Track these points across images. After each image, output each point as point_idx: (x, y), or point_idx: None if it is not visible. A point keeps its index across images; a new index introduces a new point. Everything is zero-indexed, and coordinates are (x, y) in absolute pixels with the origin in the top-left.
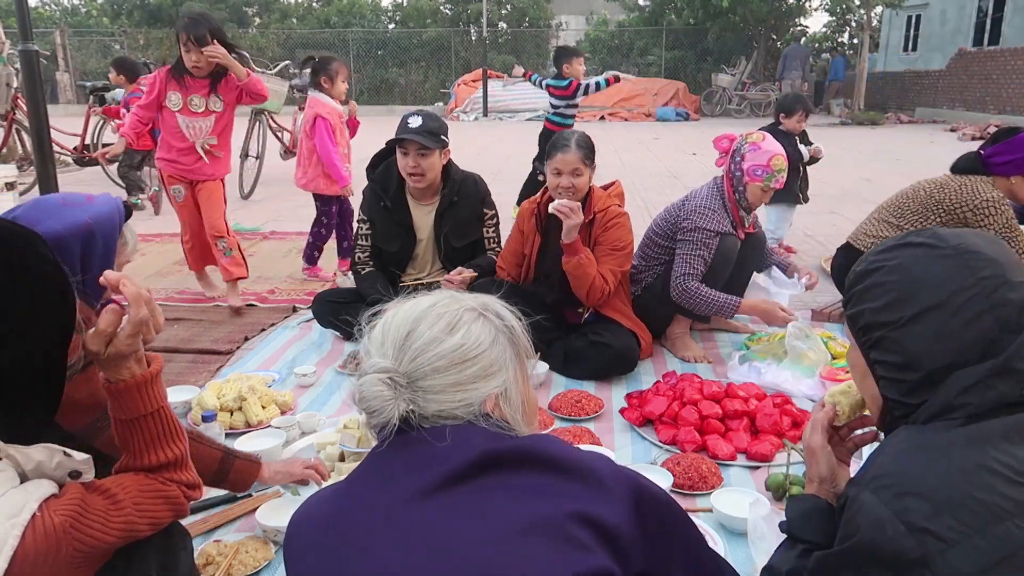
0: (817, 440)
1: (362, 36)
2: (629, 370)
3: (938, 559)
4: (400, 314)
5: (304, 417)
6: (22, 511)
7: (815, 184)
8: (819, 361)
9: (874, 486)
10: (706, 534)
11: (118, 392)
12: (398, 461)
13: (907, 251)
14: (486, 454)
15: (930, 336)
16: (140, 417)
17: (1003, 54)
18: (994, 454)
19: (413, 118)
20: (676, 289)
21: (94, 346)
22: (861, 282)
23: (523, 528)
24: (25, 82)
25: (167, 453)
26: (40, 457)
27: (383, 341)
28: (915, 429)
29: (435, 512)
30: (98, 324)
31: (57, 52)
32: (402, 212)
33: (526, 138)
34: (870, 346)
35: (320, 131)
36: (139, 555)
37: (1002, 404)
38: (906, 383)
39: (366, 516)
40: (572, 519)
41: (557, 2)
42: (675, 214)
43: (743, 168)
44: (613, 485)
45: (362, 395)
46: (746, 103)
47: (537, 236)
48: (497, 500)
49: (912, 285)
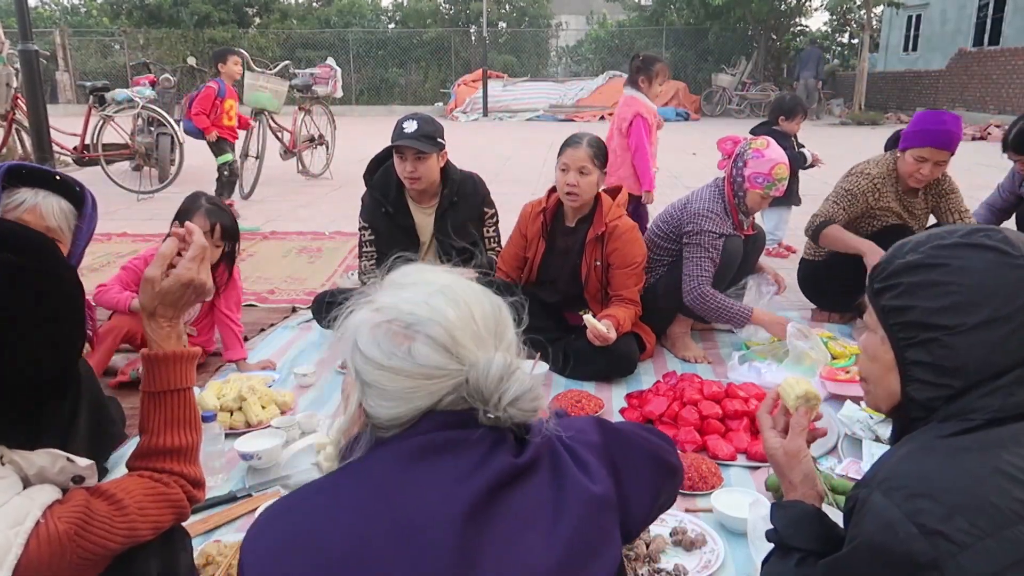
0: (797, 444)
1: (362, 36)
2: (630, 372)
3: (950, 562)
4: (471, 297)
5: (304, 417)
6: (26, 519)
7: (815, 185)
8: (819, 361)
9: (885, 487)
10: (706, 534)
11: (156, 360)
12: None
13: (976, 253)
14: (548, 440)
15: (988, 348)
16: (168, 392)
17: (1003, 54)
18: (1008, 458)
19: (408, 122)
20: (690, 295)
21: (154, 270)
22: (912, 275)
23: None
24: (25, 82)
25: (182, 438)
26: (43, 462)
27: (471, 330)
28: (928, 429)
29: (493, 538)
30: (160, 249)
31: (57, 52)
32: (404, 216)
33: (526, 138)
34: (912, 344)
35: (638, 130)
36: (139, 556)
37: (1021, 411)
38: (945, 389)
39: (439, 512)
40: (603, 506)
41: (557, 2)
42: (677, 216)
43: (744, 174)
44: (590, 455)
45: (518, 394)
46: (746, 103)
47: (542, 241)
48: (568, 486)
49: (980, 292)
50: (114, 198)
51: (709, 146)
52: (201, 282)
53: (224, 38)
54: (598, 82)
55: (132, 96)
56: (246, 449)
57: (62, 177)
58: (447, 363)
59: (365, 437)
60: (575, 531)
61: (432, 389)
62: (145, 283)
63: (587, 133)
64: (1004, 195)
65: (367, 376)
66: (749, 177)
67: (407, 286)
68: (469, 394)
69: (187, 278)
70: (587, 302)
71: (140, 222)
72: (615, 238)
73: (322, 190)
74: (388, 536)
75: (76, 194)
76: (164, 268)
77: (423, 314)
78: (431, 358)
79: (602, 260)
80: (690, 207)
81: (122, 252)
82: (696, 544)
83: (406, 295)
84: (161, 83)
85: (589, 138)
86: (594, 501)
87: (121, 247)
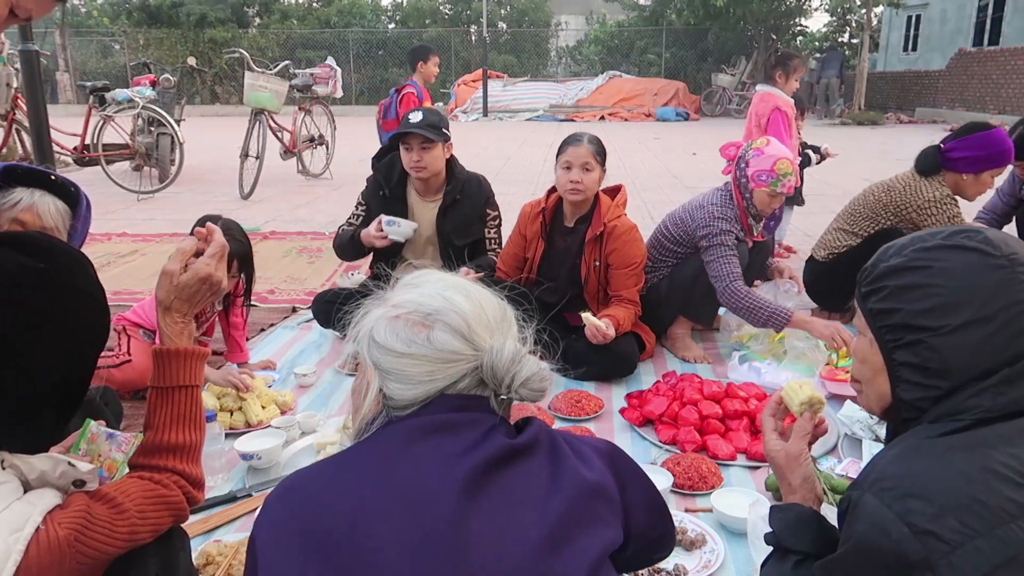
0: (799, 447)
1: (362, 36)
2: (630, 372)
3: (941, 562)
4: (475, 291)
5: (304, 417)
6: (26, 524)
7: (815, 184)
8: (819, 361)
9: (877, 488)
10: (706, 534)
11: (167, 355)
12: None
13: (958, 255)
14: (547, 431)
15: (971, 348)
16: (176, 388)
17: (1003, 54)
18: (998, 456)
19: (414, 114)
20: (725, 294)
21: (173, 264)
22: (897, 278)
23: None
24: (25, 82)
25: (186, 435)
26: (44, 467)
27: (482, 319)
28: (919, 430)
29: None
30: (180, 246)
31: (57, 52)
32: (398, 203)
33: (526, 138)
34: (898, 346)
35: (777, 123)
36: (137, 557)
37: (1012, 410)
38: (933, 390)
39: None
40: (597, 492)
41: (557, 2)
42: (687, 221)
43: (748, 174)
44: (592, 453)
45: (529, 376)
46: (746, 103)
47: (541, 241)
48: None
49: (962, 293)
50: (114, 198)
51: (709, 146)
52: (218, 279)
53: (224, 38)
54: (598, 82)
55: (132, 96)
56: (246, 449)
57: (57, 177)
58: (464, 348)
59: (380, 418)
60: (566, 508)
61: (450, 372)
62: (163, 276)
63: (586, 132)
64: (1004, 199)
65: (386, 365)
66: (753, 176)
67: (420, 285)
68: (484, 376)
69: (204, 273)
70: (587, 302)
71: (140, 222)
72: (614, 238)
73: (322, 190)
74: (387, 501)
75: (71, 194)
76: (183, 263)
77: (439, 305)
78: (450, 343)
79: (601, 260)
80: (702, 212)
81: (122, 252)
82: (696, 544)
83: (421, 291)
84: (161, 83)
85: (589, 136)
86: (587, 485)
87: (121, 247)
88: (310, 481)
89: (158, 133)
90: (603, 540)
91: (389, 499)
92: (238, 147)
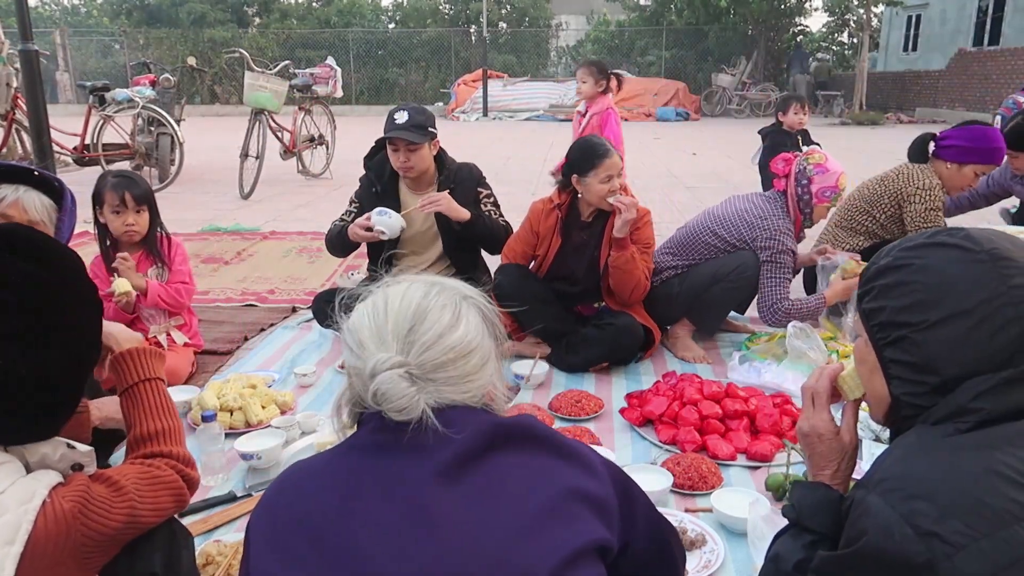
0: (852, 438)
1: (362, 36)
2: (631, 354)
3: (945, 563)
4: (396, 303)
5: (304, 417)
6: (34, 497)
7: None
8: (819, 361)
9: (881, 489)
10: (706, 534)
11: (121, 358)
12: (399, 448)
13: (938, 251)
14: (499, 427)
15: (954, 342)
16: (139, 383)
17: (1003, 54)
18: (1002, 458)
19: (399, 113)
20: (775, 315)
21: None
22: (883, 277)
23: (543, 505)
24: (25, 82)
25: (161, 423)
26: (44, 449)
27: (379, 332)
28: (924, 431)
29: (460, 498)
30: None
31: (57, 52)
32: (391, 200)
33: (526, 138)
34: (887, 344)
35: None
36: (144, 549)
37: (1015, 411)
38: (922, 385)
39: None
40: (574, 495)
41: (557, 2)
42: (739, 224)
43: (812, 191)
44: (595, 461)
45: (383, 393)
46: (746, 103)
47: (557, 237)
48: (515, 478)
49: (941, 288)
50: None
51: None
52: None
53: (224, 38)
54: None
55: (132, 96)
56: (246, 449)
57: (40, 173)
58: (356, 361)
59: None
60: (546, 502)
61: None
62: None
63: (600, 139)
64: (992, 184)
65: None
66: (817, 193)
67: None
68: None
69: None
70: (602, 293)
71: None
72: (633, 225)
73: (322, 190)
74: (372, 488)
75: (55, 189)
76: None
77: (350, 322)
78: (349, 358)
79: None
80: (763, 223)
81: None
82: (696, 544)
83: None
84: (161, 83)
85: (608, 143)
86: (572, 485)
87: None
88: (303, 474)
89: (158, 133)
90: (582, 536)
91: (373, 487)
92: (238, 147)
